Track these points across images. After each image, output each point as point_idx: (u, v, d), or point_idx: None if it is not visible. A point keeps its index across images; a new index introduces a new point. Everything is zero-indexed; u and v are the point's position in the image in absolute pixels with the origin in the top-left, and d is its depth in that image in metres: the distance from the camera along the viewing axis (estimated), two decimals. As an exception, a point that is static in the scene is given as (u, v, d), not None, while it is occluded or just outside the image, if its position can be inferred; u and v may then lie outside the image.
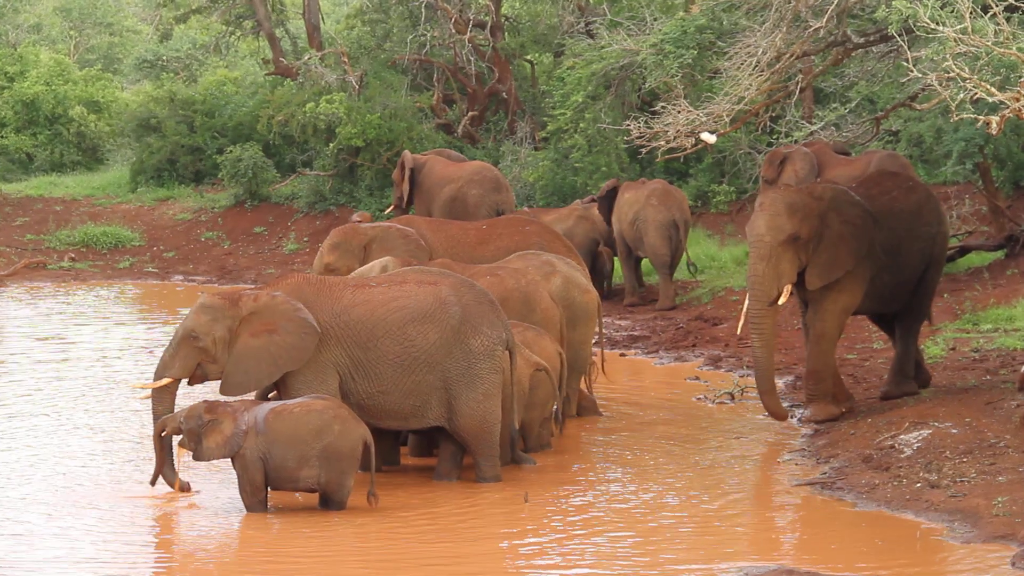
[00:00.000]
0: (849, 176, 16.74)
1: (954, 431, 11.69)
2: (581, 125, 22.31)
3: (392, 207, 20.95)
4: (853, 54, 14.95)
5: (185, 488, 10.99)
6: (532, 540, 10.04)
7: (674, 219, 19.65)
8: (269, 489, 10.59)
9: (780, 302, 12.85)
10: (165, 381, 11.08)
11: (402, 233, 14.41)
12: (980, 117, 10.99)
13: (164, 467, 10.91)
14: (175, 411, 11.01)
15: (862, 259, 12.83)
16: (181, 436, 10.72)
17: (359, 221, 16.11)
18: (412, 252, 14.08)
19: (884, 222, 12.99)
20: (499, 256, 14.15)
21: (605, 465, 12.12)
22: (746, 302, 12.99)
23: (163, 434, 10.79)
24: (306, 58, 27.96)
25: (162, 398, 11.12)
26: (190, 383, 11.26)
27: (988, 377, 13.66)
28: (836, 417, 12.98)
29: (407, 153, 20.88)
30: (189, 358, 11.06)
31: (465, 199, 19.77)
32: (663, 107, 14.13)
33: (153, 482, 10.96)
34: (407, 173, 20.40)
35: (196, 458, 10.64)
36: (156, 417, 11.10)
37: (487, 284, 12.16)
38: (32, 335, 19.06)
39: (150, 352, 17.51)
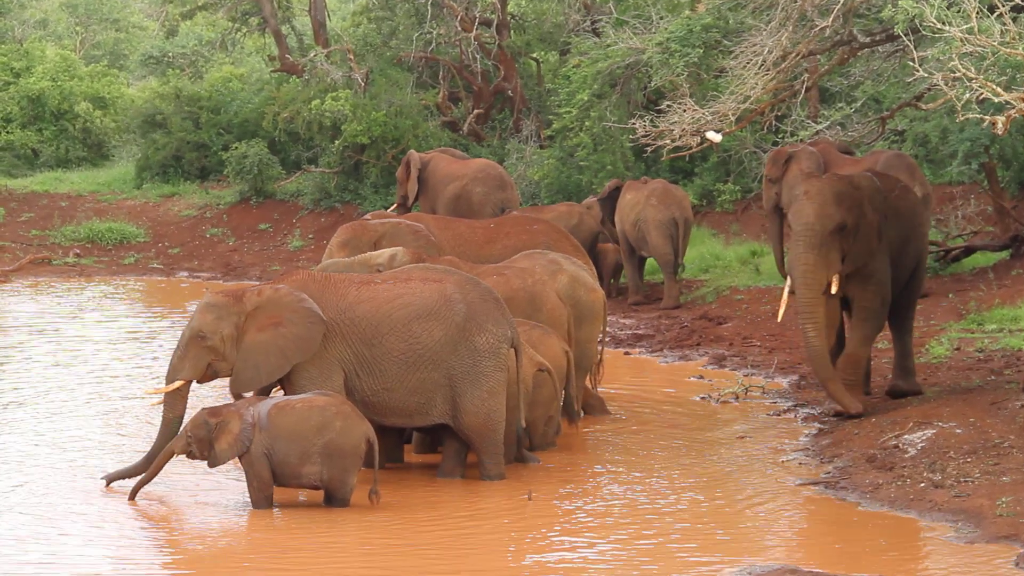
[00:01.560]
0: (855, 176, 16.73)
1: (958, 431, 11.68)
2: (586, 123, 22.30)
3: (396, 205, 20.95)
4: (859, 53, 14.92)
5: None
6: (535, 538, 10.05)
7: (674, 218, 19.65)
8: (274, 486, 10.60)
9: (832, 291, 12.83)
10: (177, 384, 11.08)
11: (412, 229, 14.32)
12: (986, 117, 10.98)
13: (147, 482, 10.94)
14: (185, 414, 11.03)
15: (883, 252, 12.93)
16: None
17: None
18: (423, 248, 13.94)
19: (893, 220, 13.10)
20: (506, 255, 14.13)
21: (608, 464, 12.12)
22: (786, 291, 12.94)
23: (174, 455, 10.74)
24: (312, 55, 27.96)
25: (174, 402, 11.10)
26: (199, 382, 11.26)
27: (993, 377, 13.65)
28: (862, 413, 12.89)
29: (413, 152, 20.87)
30: (199, 359, 11.05)
31: (470, 197, 19.76)
32: (668, 106, 14.10)
33: (133, 496, 10.89)
34: (415, 173, 20.37)
35: (212, 465, 10.61)
36: (166, 423, 11.07)
37: (493, 284, 12.14)
38: (36, 330, 19.08)
39: (144, 342, 17.54)
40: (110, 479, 11.14)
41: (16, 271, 25.10)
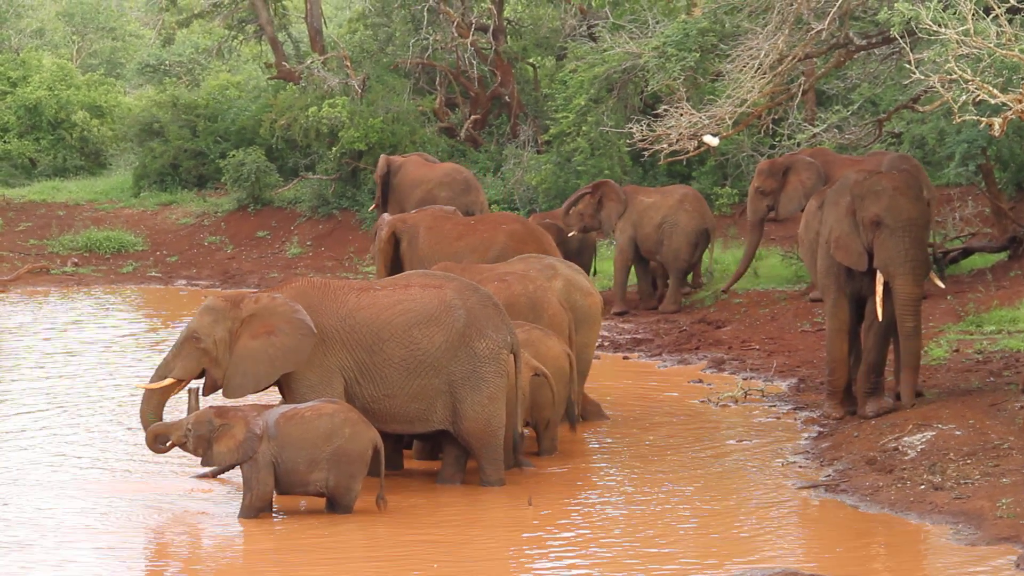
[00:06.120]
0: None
1: (958, 433, 11.68)
2: (583, 128, 22.32)
3: (374, 207, 21.88)
4: (855, 56, 14.94)
5: None
6: (535, 544, 10.04)
7: (708, 228, 19.63)
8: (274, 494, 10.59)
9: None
10: (167, 382, 11.10)
11: (385, 221, 15.76)
12: (983, 119, 10.99)
13: None
14: (164, 416, 11.03)
15: None
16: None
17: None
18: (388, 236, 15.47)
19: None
20: (474, 250, 14.46)
21: (608, 468, 12.12)
22: (880, 287, 12.60)
23: (168, 445, 10.72)
24: (309, 62, 27.97)
25: (150, 398, 11.11)
26: (204, 393, 11.24)
27: (991, 379, 13.65)
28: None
29: (383, 156, 21.48)
30: (191, 359, 11.07)
31: (435, 201, 19.97)
32: (665, 110, 14.12)
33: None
34: (380, 178, 21.19)
35: (205, 464, 10.62)
36: (143, 416, 11.11)
37: (494, 289, 12.15)
38: (35, 340, 19.06)
39: (142, 351, 17.53)
40: None
41: (14, 281, 25.09)
